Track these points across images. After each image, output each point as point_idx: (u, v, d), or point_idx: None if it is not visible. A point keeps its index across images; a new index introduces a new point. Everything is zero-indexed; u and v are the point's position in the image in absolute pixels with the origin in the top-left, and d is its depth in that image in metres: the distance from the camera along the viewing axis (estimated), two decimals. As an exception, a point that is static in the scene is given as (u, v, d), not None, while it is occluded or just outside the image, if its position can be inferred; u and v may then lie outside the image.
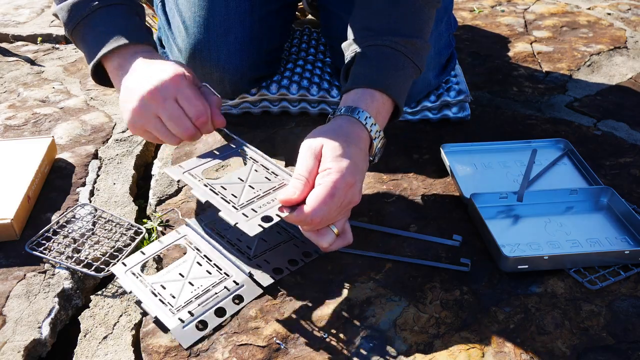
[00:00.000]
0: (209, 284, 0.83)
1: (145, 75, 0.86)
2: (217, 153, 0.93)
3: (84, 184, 1.06)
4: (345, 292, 0.84)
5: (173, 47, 1.18)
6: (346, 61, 0.95)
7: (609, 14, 1.82)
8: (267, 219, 0.79)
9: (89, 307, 0.84)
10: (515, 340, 0.77)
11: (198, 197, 0.84)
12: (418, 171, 1.09)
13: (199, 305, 0.80)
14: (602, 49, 1.59)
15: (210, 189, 0.84)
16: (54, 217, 0.97)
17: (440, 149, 1.10)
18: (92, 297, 0.85)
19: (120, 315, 0.82)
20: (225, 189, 0.84)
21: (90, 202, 1.02)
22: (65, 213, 0.98)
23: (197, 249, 0.89)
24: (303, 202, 0.78)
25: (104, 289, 0.87)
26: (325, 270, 0.88)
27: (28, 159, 1.04)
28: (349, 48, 0.95)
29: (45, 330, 0.79)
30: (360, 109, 0.86)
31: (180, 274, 0.85)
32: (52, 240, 0.92)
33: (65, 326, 0.84)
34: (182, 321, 0.78)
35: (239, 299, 0.82)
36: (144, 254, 0.88)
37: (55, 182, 1.06)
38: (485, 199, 0.97)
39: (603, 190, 0.99)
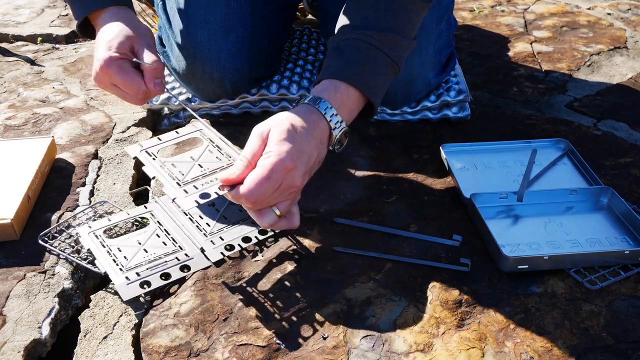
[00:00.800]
0: (161, 253, 0.88)
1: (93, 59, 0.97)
2: (178, 133, 0.98)
3: (84, 184, 1.06)
4: (345, 292, 0.84)
5: (174, 46, 1.18)
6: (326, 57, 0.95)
7: (609, 14, 1.82)
8: (204, 195, 0.85)
9: (89, 307, 0.84)
10: (515, 341, 0.77)
11: (148, 173, 0.90)
12: (418, 171, 1.09)
13: (147, 269, 0.86)
14: (602, 49, 1.59)
15: (161, 166, 0.91)
16: (76, 210, 1.00)
17: (440, 149, 1.10)
18: (92, 297, 0.85)
19: (120, 315, 0.82)
20: (175, 167, 0.90)
21: (90, 202, 1.02)
22: (84, 209, 0.99)
23: (181, 181, 0.90)
24: (242, 182, 0.80)
25: (104, 289, 0.87)
26: (325, 270, 0.88)
27: (28, 159, 1.04)
28: (330, 43, 0.95)
29: (45, 330, 0.79)
30: (322, 98, 0.86)
31: (138, 241, 0.90)
32: (63, 234, 0.94)
33: (65, 326, 0.84)
34: (128, 279, 0.84)
35: (186, 268, 0.86)
36: (160, 140, 0.97)
37: (55, 182, 1.06)
38: (485, 199, 0.97)
39: (603, 190, 0.99)
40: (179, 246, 0.90)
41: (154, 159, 0.93)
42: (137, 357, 0.77)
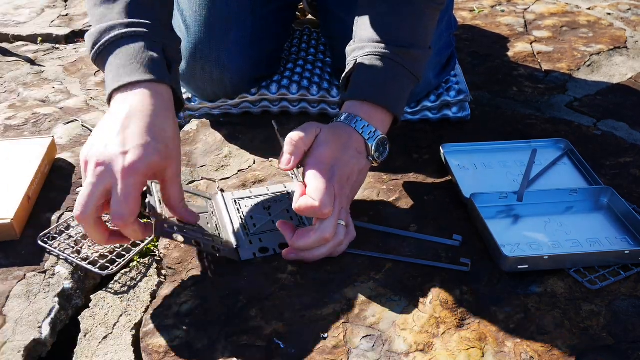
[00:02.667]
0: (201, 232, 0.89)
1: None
2: (268, 190, 1.03)
3: (84, 184, 1.06)
4: (345, 292, 0.84)
5: (173, 46, 1.18)
6: (347, 66, 0.97)
7: (609, 14, 1.82)
8: (263, 250, 0.91)
9: (89, 307, 0.84)
10: (515, 340, 0.77)
11: (223, 219, 0.96)
12: (418, 171, 1.09)
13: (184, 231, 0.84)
14: (602, 49, 1.59)
15: (237, 213, 0.97)
16: (70, 213, 0.99)
17: (440, 149, 1.10)
18: (92, 297, 0.85)
19: (120, 315, 0.82)
20: (252, 219, 0.96)
21: (90, 202, 1.02)
22: None
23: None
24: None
25: (104, 289, 0.87)
26: (325, 270, 0.88)
27: (28, 159, 1.04)
28: (351, 54, 0.98)
29: (45, 330, 0.79)
30: (351, 114, 0.91)
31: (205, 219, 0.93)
32: (63, 235, 0.93)
33: (65, 326, 0.84)
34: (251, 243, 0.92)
35: (217, 251, 0.87)
36: (251, 193, 1.02)
37: (55, 182, 1.06)
38: (485, 199, 0.97)
39: (603, 190, 0.99)
40: (219, 234, 0.92)
41: (238, 209, 0.98)
42: (137, 357, 0.77)
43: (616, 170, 1.10)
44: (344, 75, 0.98)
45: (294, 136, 0.87)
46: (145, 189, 0.78)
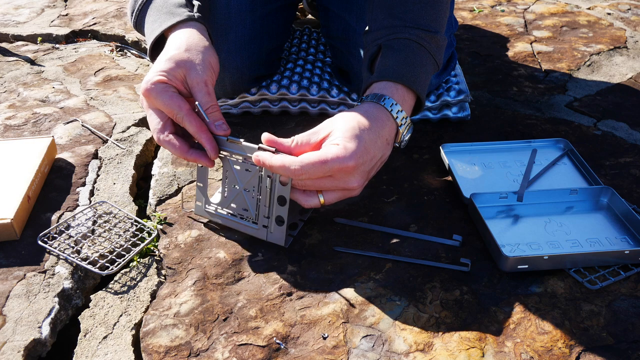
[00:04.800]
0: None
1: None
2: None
3: (84, 184, 1.06)
4: (345, 292, 0.84)
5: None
6: (367, 51, 0.96)
7: (609, 14, 1.82)
8: (292, 225, 0.92)
9: (89, 307, 0.84)
10: (515, 340, 0.77)
11: (229, 226, 0.94)
12: (418, 171, 1.09)
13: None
14: (602, 48, 1.59)
15: (228, 213, 0.93)
16: (76, 210, 0.98)
17: (440, 149, 1.10)
18: (92, 297, 0.85)
19: (120, 315, 0.82)
20: (235, 206, 0.92)
21: (90, 202, 1.02)
22: (84, 210, 0.98)
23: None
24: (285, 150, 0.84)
25: (104, 289, 0.87)
26: (325, 270, 0.88)
27: (28, 159, 1.04)
28: (371, 36, 0.97)
29: (45, 330, 0.79)
30: (386, 96, 0.88)
31: (234, 186, 0.91)
32: (63, 235, 0.93)
33: (65, 326, 0.84)
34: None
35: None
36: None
37: (55, 182, 1.06)
38: (485, 199, 0.97)
39: (603, 190, 0.99)
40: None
41: (215, 210, 0.95)
42: (137, 357, 0.77)
43: (616, 170, 1.10)
44: (366, 55, 0.95)
45: (298, 137, 0.85)
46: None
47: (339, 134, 0.82)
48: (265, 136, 0.85)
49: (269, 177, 0.86)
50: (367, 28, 1.00)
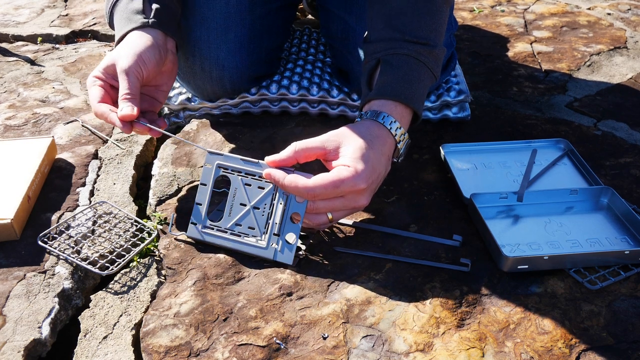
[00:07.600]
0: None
1: None
2: (205, 184, 0.92)
3: (84, 184, 1.06)
4: (345, 292, 0.84)
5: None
6: (367, 63, 0.98)
7: (609, 14, 1.82)
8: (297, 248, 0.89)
9: (89, 307, 0.84)
10: (515, 340, 0.77)
11: (226, 247, 0.91)
12: (418, 171, 1.09)
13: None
14: (602, 49, 1.59)
15: (231, 233, 0.90)
16: (76, 210, 0.98)
17: (440, 149, 1.10)
18: (92, 297, 0.85)
19: (120, 315, 0.82)
20: (241, 225, 0.90)
21: (90, 202, 1.02)
22: (84, 210, 0.98)
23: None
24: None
25: (104, 289, 0.87)
26: (325, 270, 0.88)
27: (28, 159, 1.04)
28: (370, 47, 0.98)
29: (45, 330, 0.79)
30: (385, 113, 0.91)
31: (241, 203, 0.90)
32: (63, 235, 0.93)
33: (65, 326, 0.84)
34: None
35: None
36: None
37: (55, 182, 1.06)
38: (485, 199, 0.97)
39: (603, 190, 0.99)
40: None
41: (216, 230, 0.91)
42: (137, 357, 0.77)
43: (616, 170, 1.10)
44: (365, 69, 0.98)
45: (297, 146, 0.87)
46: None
47: (348, 154, 0.85)
48: (268, 159, 0.88)
49: (285, 195, 0.88)
50: (366, 34, 1.00)
